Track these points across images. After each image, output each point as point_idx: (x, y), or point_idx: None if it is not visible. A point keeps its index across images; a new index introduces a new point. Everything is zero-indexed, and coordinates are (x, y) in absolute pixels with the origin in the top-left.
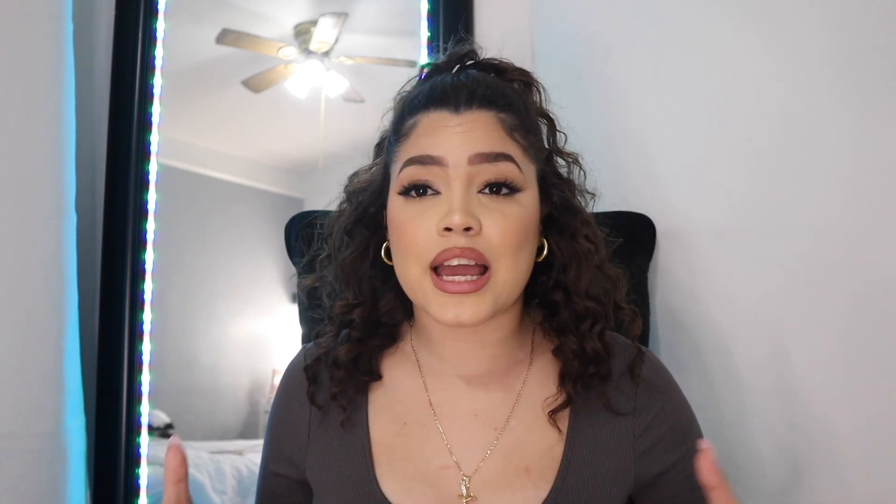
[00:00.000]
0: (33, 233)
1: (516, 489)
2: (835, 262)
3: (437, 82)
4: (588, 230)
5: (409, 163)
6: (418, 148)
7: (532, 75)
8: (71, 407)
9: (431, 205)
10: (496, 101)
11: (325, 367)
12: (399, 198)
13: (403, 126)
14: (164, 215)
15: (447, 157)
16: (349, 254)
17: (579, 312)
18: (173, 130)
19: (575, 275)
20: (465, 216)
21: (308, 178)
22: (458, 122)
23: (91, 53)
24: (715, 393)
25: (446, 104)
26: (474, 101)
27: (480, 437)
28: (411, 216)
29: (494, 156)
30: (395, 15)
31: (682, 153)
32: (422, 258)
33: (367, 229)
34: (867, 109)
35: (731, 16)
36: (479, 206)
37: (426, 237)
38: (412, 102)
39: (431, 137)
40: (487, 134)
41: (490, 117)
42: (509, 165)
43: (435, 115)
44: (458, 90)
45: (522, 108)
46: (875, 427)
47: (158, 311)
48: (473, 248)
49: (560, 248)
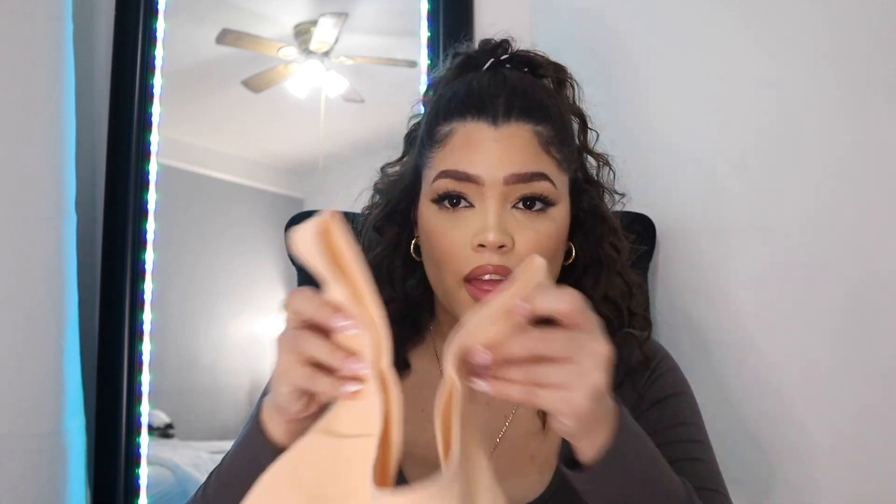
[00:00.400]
0: (33, 233)
1: (523, 475)
2: (834, 262)
3: (473, 86)
4: (613, 237)
5: (444, 174)
6: (454, 161)
7: (567, 71)
8: (71, 407)
9: (465, 217)
10: (533, 112)
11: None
12: (432, 206)
13: (438, 131)
14: (164, 215)
15: (483, 175)
16: (381, 251)
17: None
18: (173, 130)
19: (594, 279)
20: (499, 234)
21: (308, 178)
22: (495, 137)
23: (91, 53)
24: (715, 392)
25: (484, 114)
26: (512, 114)
27: (492, 424)
28: (445, 228)
29: (530, 175)
30: (395, 15)
31: (683, 153)
32: (456, 271)
33: (397, 226)
34: (866, 110)
35: (730, 16)
36: (512, 221)
37: (460, 251)
38: (447, 105)
39: (468, 152)
40: (524, 151)
41: (527, 132)
42: (544, 184)
43: (472, 126)
44: (496, 98)
45: (558, 117)
46: (873, 423)
47: (158, 311)
48: (504, 266)
49: (584, 252)
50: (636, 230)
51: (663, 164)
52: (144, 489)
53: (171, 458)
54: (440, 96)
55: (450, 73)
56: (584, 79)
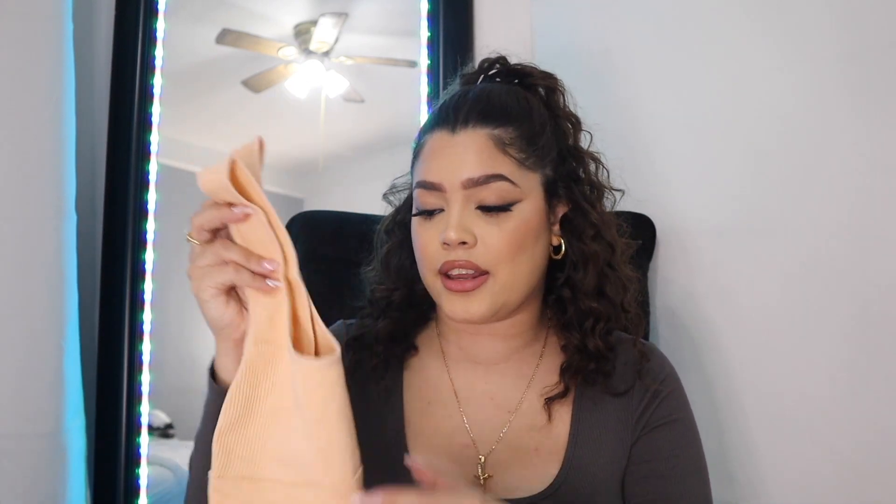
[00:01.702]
0: (33, 233)
1: (528, 468)
2: (834, 262)
3: (447, 100)
4: (595, 231)
5: (419, 185)
6: (423, 171)
7: (556, 79)
8: (71, 407)
9: (437, 221)
10: (491, 116)
11: (365, 345)
12: (414, 214)
13: (418, 145)
14: (164, 215)
15: (444, 182)
16: (388, 248)
17: (583, 310)
18: (173, 130)
19: (582, 274)
20: (459, 232)
21: (308, 178)
22: (452, 144)
23: (91, 53)
24: (714, 392)
25: (446, 124)
26: (470, 120)
27: (495, 418)
28: (422, 231)
29: (485, 178)
30: (395, 15)
31: (682, 153)
32: (431, 266)
33: (401, 230)
34: (869, 109)
35: (730, 16)
36: (475, 219)
37: (434, 249)
38: (427, 121)
39: (432, 161)
40: (478, 155)
41: (482, 136)
42: (501, 184)
43: (437, 136)
44: (459, 108)
45: (525, 119)
46: (873, 423)
47: (158, 311)
48: (469, 260)
49: (572, 248)
50: (636, 230)
51: (664, 164)
52: (144, 489)
53: (171, 458)
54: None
55: (446, 95)
56: (584, 79)
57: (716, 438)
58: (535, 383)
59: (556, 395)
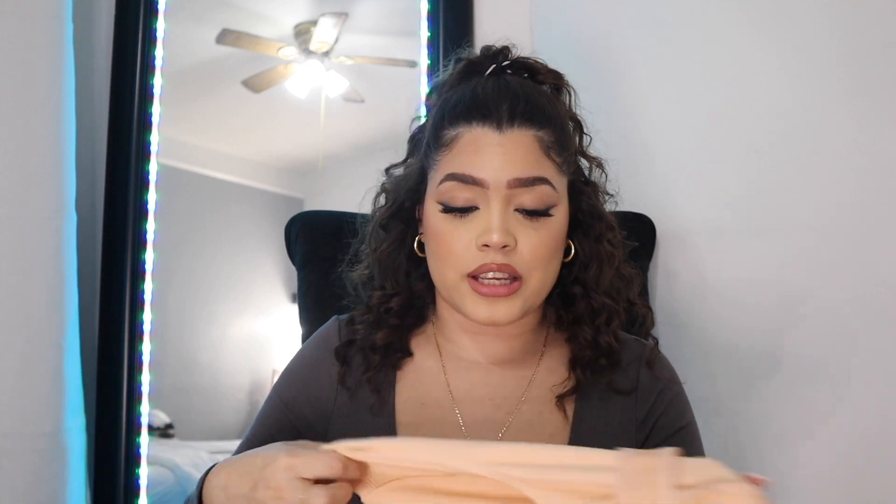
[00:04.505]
0: (33, 233)
1: None
2: (834, 262)
3: (478, 91)
4: (611, 234)
5: (450, 177)
6: (460, 164)
7: (564, 78)
8: (71, 407)
9: (470, 219)
10: (535, 118)
11: (359, 350)
12: (437, 205)
13: (444, 134)
14: (164, 215)
15: (488, 179)
16: (386, 247)
17: (596, 307)
18: (173, 130)
19: (595, 274)
20: (503, 235)
21: (308, 178)
22: (499, 142)
23: (91, 53)
24: (714, 391)
25: (489, 120)
26: (515, 119)
27: (494, 418)
28: (450, 228)
29: (532, 180)
30: (395, 15)
31: (683, 153)
32: (459, 268)
33: (401, 223)
34: (867, 109)
35: (729, 16)
36: (515, 223)
37: (465, 249)
38: (454, 109)
39: (474, 156)
40: (526, 156)
41: (529, 137)
42: (545, 188)
43: (478, 131)
44: (500, 104)
45: (558, 122)
46: (873, 424)
47: (158, 311)
48: (508, 264)
49: (583, 249)
50: (636, 230)
51: (664, 164)
52: (144, 489)
53: (171, 458)
54: (445, 100)
55: (453, 78)
56: (584, 79)
57: (716, 439)
58: (536, 382)
59: (567, 392)
